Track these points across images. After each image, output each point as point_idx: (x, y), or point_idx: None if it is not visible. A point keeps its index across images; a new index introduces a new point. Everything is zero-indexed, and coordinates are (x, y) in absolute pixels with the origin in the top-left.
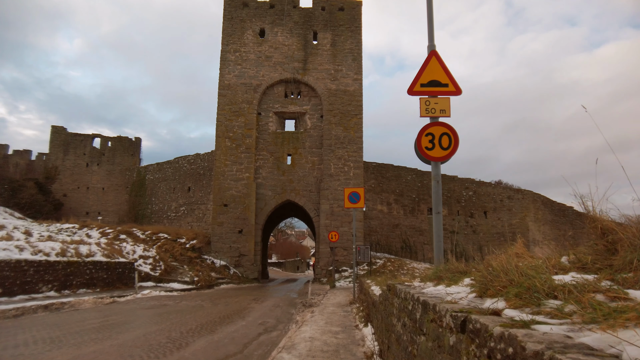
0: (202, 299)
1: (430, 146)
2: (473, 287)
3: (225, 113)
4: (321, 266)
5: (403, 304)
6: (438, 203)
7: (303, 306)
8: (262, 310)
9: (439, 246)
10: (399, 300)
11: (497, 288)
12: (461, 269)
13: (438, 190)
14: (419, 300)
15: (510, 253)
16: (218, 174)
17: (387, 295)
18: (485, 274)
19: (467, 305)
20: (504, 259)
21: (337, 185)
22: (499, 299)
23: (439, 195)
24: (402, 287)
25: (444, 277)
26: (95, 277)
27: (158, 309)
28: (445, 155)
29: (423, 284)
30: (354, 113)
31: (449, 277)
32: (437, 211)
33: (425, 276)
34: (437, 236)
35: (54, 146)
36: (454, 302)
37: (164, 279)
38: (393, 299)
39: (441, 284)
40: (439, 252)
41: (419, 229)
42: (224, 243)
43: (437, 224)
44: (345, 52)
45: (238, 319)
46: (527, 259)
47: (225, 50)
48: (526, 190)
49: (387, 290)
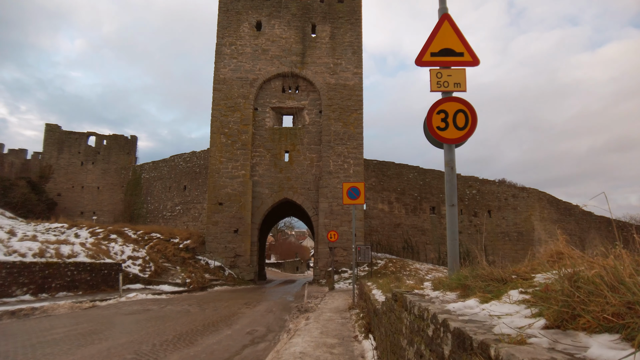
0: (190, 303)
1: (442, 126)
2: (532, 308)
3: (220, 108)
4: (320, 267)
5: (418, 323)
6: (452, 194)
7: (298, 311)
8: (253, 316)
9: (453, 245)
10: (410, 316)
11: (601, 317)
12: (497, 275)
13: (452, 179)
14: (446, 325)
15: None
16: (213, 172)
17: (393, 305)
18: (564, 288)
19: (549, 346)
20: (581, 262)
21: (336, 183)
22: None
23: (454, 185)
24: (414, 298)
25: (472, 287)
26: (78, 280)
27: (139, 314)
28: (461, 136)
29: (441, 294)
30: (354, 108)
31: (482, 288)
32: (452, 203)
33: (441, 282)
34: (451, 233)
35: (48, 145)
36: (521, 340)
37: (153, 280)
38: (401, 312)
39: (471, 296)
40: (454, 252)
41: (421, 229)
42: (219, 243)
43: (451, 219)
44: (345, 45)
45: (224, 326)
46: (576, 261)
47: (221, 44)
48: (531, 188)
49: (393, 300)
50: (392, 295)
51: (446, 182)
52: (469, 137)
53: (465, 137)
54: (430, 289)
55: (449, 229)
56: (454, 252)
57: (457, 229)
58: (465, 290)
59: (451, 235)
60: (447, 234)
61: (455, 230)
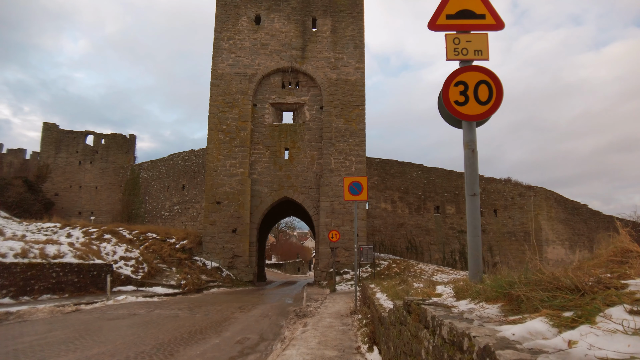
0: (180, 307)
1: (461, 100)
2: None
3: (218, 104)
4: (321, 268)
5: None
6: (474, 181)
7: (296, 316)
8: (246, 322)
9: (475, 242)
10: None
11: None
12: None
13: (473, 163)
14: None
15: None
16: (210, 170)
17: (405, 317)
18: None
19: None
20: None
21: (337, 181)
22: None
23: (475, 170)
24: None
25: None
26: (64, 281)
27: (123, 319)
28: (484, 112)
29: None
30: (356, 104)
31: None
32: (473, 192)
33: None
34: (472, 228)
35: (46, 144)
36: None
37: (146, 282)
38: (418, 328)
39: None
40: (476, 250)
41: (425, 229)
42: (216, 243)
43: (472, 211)
44: (347, 40)
45: (212, 334)
46: None
47: (219, 38)
48: (538, 187)
49: (405, 310)
50: (404, 304)
51: (466, 167)
52: (493, 113)
53: (489, 113)
54: (451, 296)
55: (470, 223)
56: (476, 251)
57: (480, 223)
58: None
59: (472, 231)
60: (468, 229)
61: (478, 225)
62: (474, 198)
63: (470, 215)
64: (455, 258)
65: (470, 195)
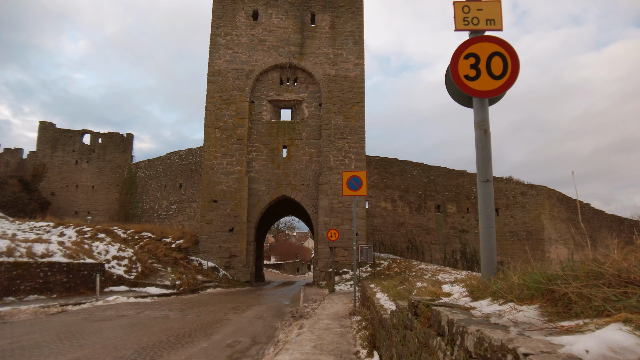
0: (172, 308)
1: (472, 74)
2: None
3: (214, 101)
4: (320, 268)
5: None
6: (487, 166)
7: (292, 317)
8: (239, 324)
9: (488, 235)
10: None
11: None
12: None
13: (486, 145)
14: None
15: None
16: (207, 168)
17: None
18: None
19: None
20: None
21: (337, 179)
22: None
23: (488, 154)
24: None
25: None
26: (52, 281)
27: (109, 321)
28: (498, 87)
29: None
30: (356, 101)
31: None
32: (486, 178)
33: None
34: (485, 219)
35: (42, 143)
36: None
37: (139, 282)
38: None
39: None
40: (489, 244)
41: (425, 228)
42: (213, 243)
43: (486, 199)
44: (346, 35)
45: (202, 337)
46: None
47: (215, 34)
48: (540, 186)
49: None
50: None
51: (477, 150)
52: (508, 88)
53: (503, 89)
54: (465, 295)
55: (483, 212)
56: (489, 244)
57: (494, 214)
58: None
59: (485, 221)
60: (480, 219)
61: (491, 215)
62: (487, 185)
63: (483, 203)
64: (457, 258)
65: (482, 182)
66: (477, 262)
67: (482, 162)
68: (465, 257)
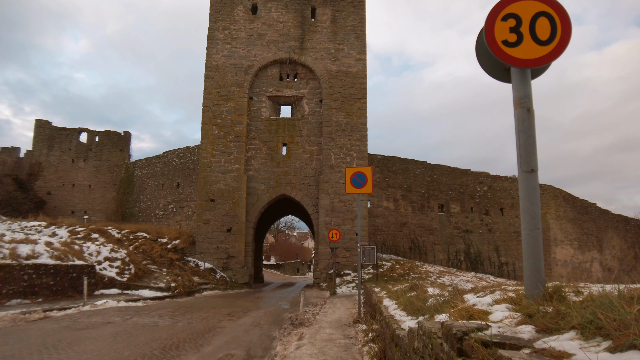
0: (162, 313)
1: (512, 39)
2: None
3: (212, 97)
4: (320, 269)
5: None
6: (531, 152)
7: (291, 324)
8: (234, 332)
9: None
10: None
11: None
12: None
13: (530, 127)
14: None
15: None
16: (204, 166)
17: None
18: None
19: None
20: None
21: (338, 177)
22: None
23: (533, 138)
24: None
25: None
26: (38, 284)
27: (91, 330)
28: (545, 55)
29: None
30: (357, 97)
31: None
32: (530, 168)
33: (558, 315)
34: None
35: (38, 141)
36: None
37: (132, 285)
38: None
39: None
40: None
41: (428, 228)
42: (210, 243)
43: (530, 193)
44: (347, 30)
45: (191, 349)
46: None
47: (213, 28)
48: (546, 185)
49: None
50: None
51: (519, 134)
52: (557, 57)
53: (551, 57)
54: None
55: (527, 210)
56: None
57: (539, 212)
58: None
59: (530, 222)
60: (523, 219)
61: (537, 213)
62: (530, 176)
63: (526, 199)
64: (460, 259)
65: (525, 172)
66: (481, 263)
67: (525, 147)
68: (469, 258)
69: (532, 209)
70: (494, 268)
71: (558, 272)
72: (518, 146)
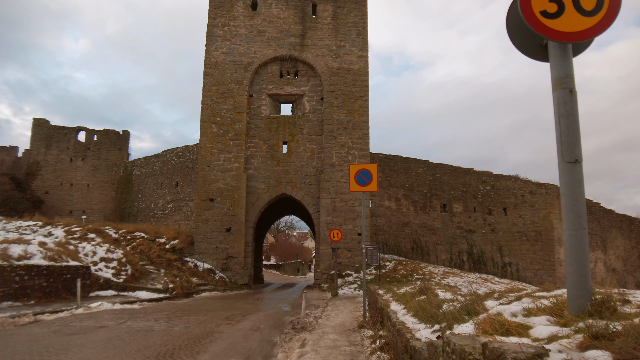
0: (158, 317)
1: (552, 9)
2: None
3: (211, 95)
4: (321, 270)
5: None
6: (574, 139)
7: (293, 329)
8: (232, 338)
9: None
10: None
11: None
12: None
13: (573, 111)
14: None
15: None
16: (203, 164)
17: None
18: None
19: None
20: None
21: (339, 176)
22: None
23: (576, 122)
24: None
25: None
26: (29, 286)
27: (82, 335)
28: (590, 27)
29: None
30: (359, 94)
31: None
32: (574, 158)
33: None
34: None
35: (36, 140)
36: None
37: (129, 286)
38: None
39: None
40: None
41: (431, 228)
42: (209, 243)
43: (574, 187)
44: (349, 26)
45: (186, 357)
46: None
47: (213, 25)
48: (550, 184)
49: None
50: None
51: (560, 118)
52: (604, 30)
53: (597, 30)
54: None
55: (570, 208)
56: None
57: (585, 210)
58: None
59: (574, 221)
60: (565, 218)
61: (582, 212)
62: (574, 167)
63: (569, 194)
64: (463, 259)
65: (568, 163)
66: (484, 264)
67: (568, 133)
68: (472, 258)
69: (576, 206)
70: (497, 269)
71: (562, 272)
72: (559, 133)
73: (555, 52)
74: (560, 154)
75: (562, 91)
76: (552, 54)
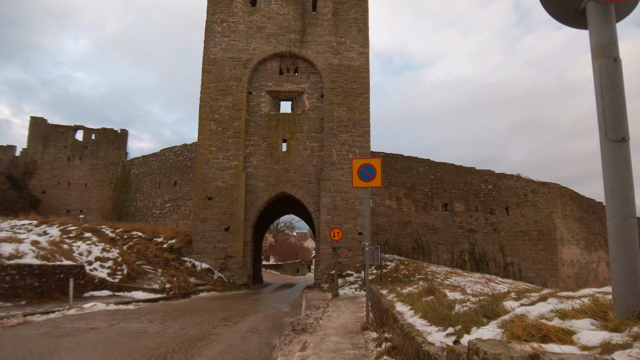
0: (153, 318)
1: None
2: None
3: (210, 92)
4: (322, 269)
5: None
6: (619, 114)
7: (293, 330)
8: (229, 340)
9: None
10: None
11: None
12: None
13: (618, 82)
14: None
15: None
16: (201, 162)
17: None
18: None
19: None
20: None
21: (340, 175)
22: None
23: (621, 95)
24: None
25: None
26: (21, 286)
27: (71, 337)
28: None
29: None
30: (360, 92)
31: None
32: (620, 135)
33: None
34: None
35: (33, 139)
36: None
37: (124, 286)
38: None
39: None
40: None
41: (432, 227)
42: (207, 243)
43: (620, 169)
44: (349, 22)
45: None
46: None
47: (211, 21)
48: (552, 183)
49: None
50: None
51: (602, 91)
52: None
53: None
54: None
55: (615, 193)
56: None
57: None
58: None
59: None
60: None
61: (631, 197)
62: (621, 146)
63: (614, 178)
64: (465, 259)
65: (613, 142)
66: (486, 264)
67: (612, 108)
68: (474, 258)
69: (624, 191)
70: (499, 269)
71: (565, 272)
72: (601, 108)
73: (595, 15)
74: (604, 132)
75: (604, 60)
76: (592, 19)
